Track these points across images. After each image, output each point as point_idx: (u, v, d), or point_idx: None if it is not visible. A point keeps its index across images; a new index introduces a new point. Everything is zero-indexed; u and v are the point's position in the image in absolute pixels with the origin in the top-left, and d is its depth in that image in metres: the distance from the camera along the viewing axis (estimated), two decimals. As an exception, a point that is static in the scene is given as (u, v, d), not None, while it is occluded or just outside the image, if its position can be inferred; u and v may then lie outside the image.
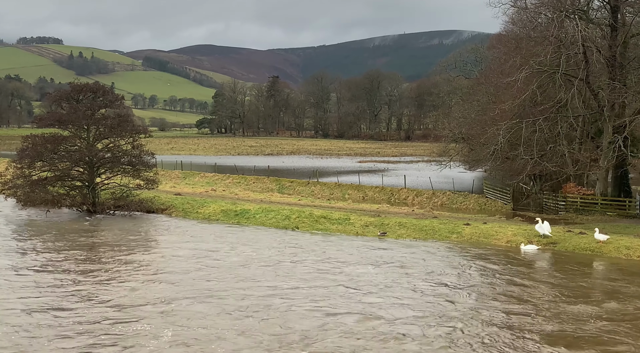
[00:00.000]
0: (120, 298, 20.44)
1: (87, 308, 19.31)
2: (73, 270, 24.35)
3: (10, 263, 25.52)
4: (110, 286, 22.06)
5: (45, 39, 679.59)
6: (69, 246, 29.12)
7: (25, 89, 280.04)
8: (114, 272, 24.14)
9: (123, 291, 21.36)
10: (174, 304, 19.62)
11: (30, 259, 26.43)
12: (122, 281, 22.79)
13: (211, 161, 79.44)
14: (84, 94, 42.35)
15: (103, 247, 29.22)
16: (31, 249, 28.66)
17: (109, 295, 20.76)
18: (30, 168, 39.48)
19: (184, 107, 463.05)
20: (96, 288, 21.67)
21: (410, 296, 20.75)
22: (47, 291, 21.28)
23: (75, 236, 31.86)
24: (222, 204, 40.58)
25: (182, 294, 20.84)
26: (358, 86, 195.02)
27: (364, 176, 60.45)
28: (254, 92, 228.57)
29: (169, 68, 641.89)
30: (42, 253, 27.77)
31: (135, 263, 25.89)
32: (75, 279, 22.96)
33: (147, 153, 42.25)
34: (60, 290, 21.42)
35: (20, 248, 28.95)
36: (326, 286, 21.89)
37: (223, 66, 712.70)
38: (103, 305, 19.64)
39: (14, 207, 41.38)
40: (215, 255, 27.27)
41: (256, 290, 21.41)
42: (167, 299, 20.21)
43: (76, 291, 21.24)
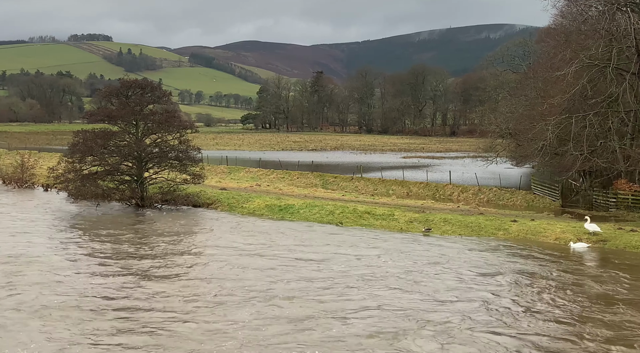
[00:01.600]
0: (174, 290, 20.82)
1: (140, 301, 19.72)
2: (125, 262, 24.90)
3: (65, 254, 26.25)
4: (164, 279, 22.48)
5: (96, 36, 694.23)
6: (120, 239, 29.80)
7: (76, 85, 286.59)
8: (165, 265, 24.59)
9: (177, 284, 21.74)
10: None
11: (84, 250, 27.15)
12: (176, 274, 23.19)
13: (256, 156, 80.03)
14: (133, 90, 43.18)
15: (153, 239, 29.80)
16: (84, 241, 29.43)
17: (161, 289, 21.16)
18: (81, 162, 40.41)
19: (229, 103, 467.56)
20: (148, 281, 22.12)
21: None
22: (97, 283, 21.82)
23: (126, 229, 32.58)
24: (267, 199, 40.88)
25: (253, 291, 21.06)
26: (403, 81, 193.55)
27: (408, 171, 60.02)
28: (298, 88, 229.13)
29: (215, 64, 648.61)
30: (93, 244, 28.47)
31: (185, 256, 26.32)
32: (126, 271, 23.47)
33: (193, 148, 42.83)
34: (112, 281, 21.94)
35: (73, 240, 29.74)
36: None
37: (268, 62, 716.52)
38: (156, 299, 20.04)
39: (65, 200, 42.48)
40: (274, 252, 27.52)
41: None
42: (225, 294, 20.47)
43: (131, 284, 21.72)
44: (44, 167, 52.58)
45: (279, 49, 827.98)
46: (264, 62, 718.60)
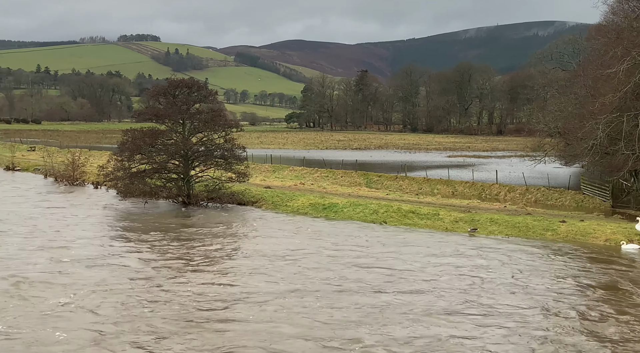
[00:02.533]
0: (222, 285, 21.08)
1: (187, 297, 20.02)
2: (173, 258, 25.32)
3: (115, 249, 26.85)
4: (212, 276, 22.78)
5: (144, 37, 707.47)
6: (168, 236, 30.30)
7: (125, 85, 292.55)
8: (213, 262, 24.91)
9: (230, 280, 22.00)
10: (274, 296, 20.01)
11: (133, 246, 27.71)
12: (224, 271, 23.48)
13: (300, 155, 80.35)
14: (180, 90, 43.80)
15: (201, 236, 30.22)
16: (134, 237, 30.03)
17: (209, 285, 21.45)
18: (130, 160, 41.18)
19: (273, 101, 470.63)
20: (198, 277, 22.45)
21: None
22: (148, 278, 22.24)
23: (173, 227, 33.12)
24: (311, 197, 40.99)
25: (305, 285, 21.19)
26: (448, 79, 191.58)
27: (453, 170, 59.40)
28: (342, 87, 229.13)
29: (260, 63, 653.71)
30: (143, 240, 29.03)
31: (231, 252, 26.62)
32: (176, 267, 23.86)
33: (238, 146, 43.20)
34: (161, 277, 22.33)
35: (124, 235, 30.37)
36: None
37: (312, 61, 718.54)
38: (205, 295, 20.33)
39: (114, 198, 43.40)
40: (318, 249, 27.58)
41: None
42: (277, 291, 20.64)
43: (179, 280, 22.09)
44: (94, 165, 53.84)
45: (324, 48, 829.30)
46: (308, 61, 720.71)
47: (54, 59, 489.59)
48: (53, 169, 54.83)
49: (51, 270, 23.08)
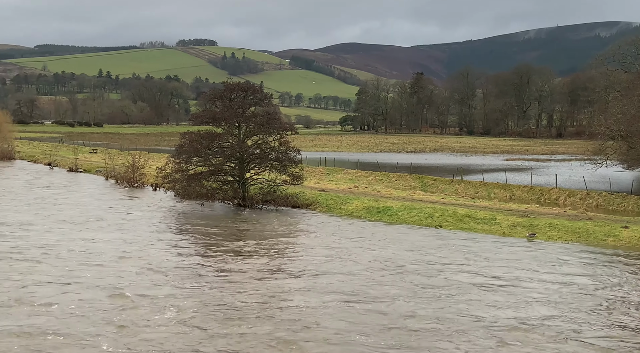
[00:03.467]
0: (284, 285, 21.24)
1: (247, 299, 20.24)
2: (230, 259, 25.65)
3: (171, 251, 27.38)
4: (272, 276, 22.98)
5: (202, 41, 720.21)
6: (227, 237, 30.74)
7: (183, 89, 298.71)
8: (274, 264, 25.12)
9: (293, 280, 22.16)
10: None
11: (186, 245, 28.21)
12: (284, 271, 23.66)
13: (354, 158, 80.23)
14: (236, 93, 44.37)
15: (257, 238, 30.55)
16: (195, 238, 30.60)
17: (278, 285, 21.64)
18: (187, 163, 41.93)
19: (328, 105, 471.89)
20: (258, 278, 22.69)
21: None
22: (209, 277, 22.59)
23: (230, 228, 33.58)
24: (365, 201, 40.87)
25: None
26: (506, 81, 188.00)
27: (511, 174, 58.24)
28: (397, 90, 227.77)
29: (315, 67, 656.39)
30: (203, 241, 29.53)
31: (287, 254, 26.79)
32: (236, 269, 24.16)
33: (293, 149, 43.44)
34: (222, 276, 22.66)
35: (183, 237, 30.95)
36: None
37: (367, 64, 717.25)
38: (262, 293, 20.51)
39: (172, 199, 44.27)
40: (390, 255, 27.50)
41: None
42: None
43: (241, 280, 22.37)
44: (152, 167, 55.00)
45: (379, 51, 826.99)
46: (363, 64, 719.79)
47: (115, 64, 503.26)
48: (114, 171, 56.28)
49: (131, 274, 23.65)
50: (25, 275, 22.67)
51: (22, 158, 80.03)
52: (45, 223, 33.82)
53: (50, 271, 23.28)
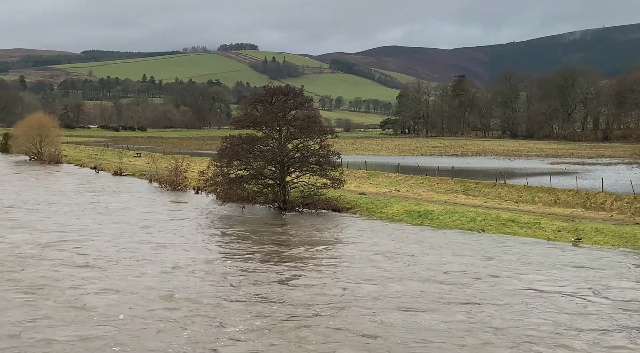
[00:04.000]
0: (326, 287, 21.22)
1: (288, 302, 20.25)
2: (272, 261, 25.72)
3: (215, 252, 27.61)
4: (313, 278, 22.97)
5: (243, 46, 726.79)
6: (269, 241, 30.88)
7: (224, 93, 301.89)
8: (312, 266, 25.12)
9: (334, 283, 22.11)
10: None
11: (233, 249, 28.41)
12: (325, 274, 23.64)
13: (394, 162, 79.79)
14: (277, 97, 44.57)
15: (301, 242, 30.67)
16: (234, 240, 30.84)
17: (318, 288, 21.63)
18: (229, 166, 42.25)
19: (368, 108, 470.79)
20: (299, 280, 22.70)
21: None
22: (249, 278, 22.70)
23: (271, 231, 33.73)
24: (406, 204, 40.56)
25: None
26: (550, 83, 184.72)
27: (555, 178, 57.07)
28: (438, 92, 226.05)
29: (355, 70, 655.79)
30: (242, 244, 29.70)
31: (330, 258, 26.74)
32: (275, 270, 24.23)
33: (333, 153, 43.40)
34: (263, 277, 22.74)
35: (224, 239, 31.22)
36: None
37: (408, 67, 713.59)
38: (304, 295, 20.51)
39: (214, 202, 44.66)
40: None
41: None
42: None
43: (280, 281, 22.41)
44: (195, 171, 55.61)
45: (420, 54, 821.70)
46: (404, 67, 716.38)
47: (158, 69, 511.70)
48: (157, 175, 57.10)
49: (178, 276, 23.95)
50: (93, 282, 22.34)
51: (69, 162, 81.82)
52: (104, 228, 33.80)
53: (114, 277, 22.96)
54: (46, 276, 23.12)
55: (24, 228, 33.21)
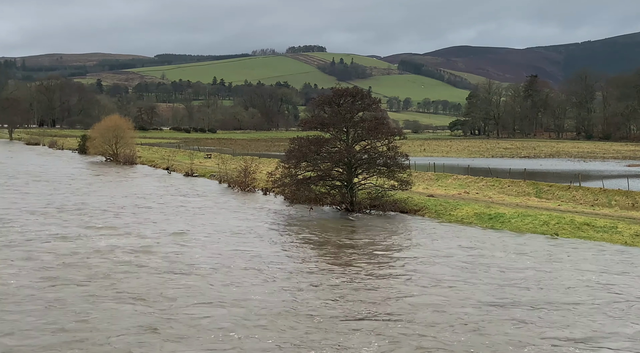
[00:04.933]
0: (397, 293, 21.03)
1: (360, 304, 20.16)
2: (340, 263, 25.69)
3: (282, 253, 27.81)
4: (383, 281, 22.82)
5: (311, 48, 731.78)
6: (337, 242, 30.87)
7: (292, 95, 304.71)
8: (381, 268, 24.95)
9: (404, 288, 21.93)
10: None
11: (302, 250, 28.62)
12: (391, 276, 23.46)
13: (464, 163, 78.45)
14: (344, 99, 44.50)
15: (371, 243, 30.54)
16: (301, 241, 31.08)
17: (391, 291, 21.48)
18: (296, 167, 42.47)
19: (437, 109, 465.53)
20: (379, 284, 22.59)
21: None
22: (316, 279, 22.74)
23: (339, 232, 33.71)
24: (475, 207, 39.76)
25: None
26: (628, 83, 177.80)
27: (633, 181, 54.76)
28: (509, 93, 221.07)
29: (424, 71, 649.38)
30: (311, 244, 29.83)
31: (405, 259, 26.51)
32: (344, 272, 24.19)
33: (401, 154, 43.01)
34: (331, 278, 22.74)
35: (292, 239, 31.42)
36: None
37: (478, 67, 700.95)
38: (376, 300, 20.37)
39: (282, 204, 45.00)
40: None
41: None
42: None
43: (350, 284, 22.36)
44: (263, 172, 56.24)
45: (491, 54, 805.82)
46: (474, 67, 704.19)
47: (228, 72, 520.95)
48: (227, 176, 58.03)
49: (249, 274, 24.26)
50: (198, 292, 21.21)
51: (143, 163, 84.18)
52: (194, 231, 32.95)
53: (217, 286, 21.92)
54: (147, 284, 22.05)
55: (117, 232, 32.31)
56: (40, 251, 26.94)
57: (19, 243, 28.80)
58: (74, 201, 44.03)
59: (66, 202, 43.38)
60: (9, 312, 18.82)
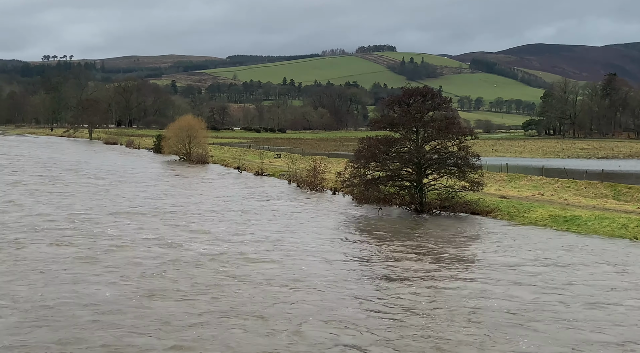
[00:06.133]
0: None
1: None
2: (411, 267, 25.52)
3: (349, 254, 27.82)
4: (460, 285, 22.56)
5: (380, 47, 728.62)
6: (409, 242, 30.67)
7: (361, 95, 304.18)
8: (463, 271, 24.66)
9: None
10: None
11: (372, 250, 28.56)
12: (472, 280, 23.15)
13: (538, 164, 76.37)
14: (414, 98, 44.09)
15: (445, 244, 30.21)
16: (373, 241, 31.10)
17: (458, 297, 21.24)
18: (365, 168, 42.38)
19: (510, 108, 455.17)
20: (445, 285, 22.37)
21: None
22: (386, 282, 22.65)
23: (410, 232, 33.45)
24: (550, 209, 38.63)
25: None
26: None
27: None
28: (586, 92, 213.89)
29: (496, 70, 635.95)
30: (387, 245, 29.75)
31: (480, 261, 26.12)
32: (416, 276, 24.02)
33: (472, 154, 42.27)
34: (402, 280, 22.61)
35: (365, 239, 31.41)
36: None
37: (554, 65, 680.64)
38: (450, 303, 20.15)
39: (350, 204, 44.99)
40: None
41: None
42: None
43: (421, 287, 22.20)
44: (332, 172, 56.38)
45: (567, 52, 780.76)
46: (549, 65, 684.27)
47: (298, 72, 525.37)
48: (296, 175, 58.50)
49: (322, 272, 24.45)
50: (308, 308, 19.41)
51: (214, 162, 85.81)
52: (283, 236, 31.43)
53: (328, 299, 20.24)
54: (253, 299, 20.15)
55: (214, 237, 30.68)
56: (139, 258, 25.54)
57: (115, 247, 27.32)
58: (162, 203, 42.99)
59: (155, 204, 42.16)
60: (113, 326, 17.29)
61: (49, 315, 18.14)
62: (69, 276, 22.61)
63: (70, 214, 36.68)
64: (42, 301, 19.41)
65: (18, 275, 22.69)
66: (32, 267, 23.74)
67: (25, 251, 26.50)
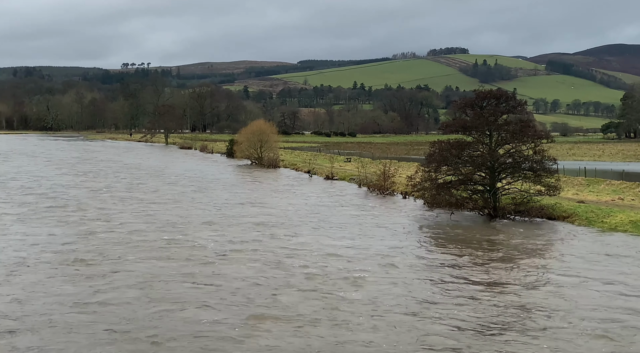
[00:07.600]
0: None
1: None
2: (482, 273, 25.09)
3: (418, 259, 27.58)
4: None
5: (452, 50, 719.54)
6: (483, 249, 30.16)
7: (432, 98, 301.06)
8: (541, 279, 24.12)
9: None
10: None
11: (442, 255, 28.17)
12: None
13: (618, 168, 73.45)
14: (488, 101, 43.22)
15: (524, 251, 29.53)
16: (442, 246, 30.70)
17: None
18: (437, 171, 41.80)
19: (588, 111, 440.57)
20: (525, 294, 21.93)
21: None
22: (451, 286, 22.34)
23: (485, 239, 32.83)
24: (631, 214, 37.07)
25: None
26: None
27: None
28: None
29: (574, 71, 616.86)
30: (460, 251, 29.34)
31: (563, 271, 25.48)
32: (491, 282, 23.61)
33: (548, 158, 41.07)
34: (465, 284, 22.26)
35: (432, 244, 31.06)
36: None
37: (634, 66, 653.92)
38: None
39: (421, 208, 44.55)
40: None
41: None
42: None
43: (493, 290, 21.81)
44: (402, 176, 55.95)
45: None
46: (629, 66, 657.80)
47: (368, 76, 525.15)
48: (366, 179, 58.36)
49: (381, 274, 24.41)
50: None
51: (285, 166, 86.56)
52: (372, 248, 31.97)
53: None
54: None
55: (316, 252, 28.67)
56: (230, 274, 24.08)
57: (208, 261, 26.16)
58: (245, 212, 41.61)
59: (239, 213, 40.86)
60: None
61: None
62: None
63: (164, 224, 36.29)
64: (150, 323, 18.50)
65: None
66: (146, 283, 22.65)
67: (136, 266, 25.17)
